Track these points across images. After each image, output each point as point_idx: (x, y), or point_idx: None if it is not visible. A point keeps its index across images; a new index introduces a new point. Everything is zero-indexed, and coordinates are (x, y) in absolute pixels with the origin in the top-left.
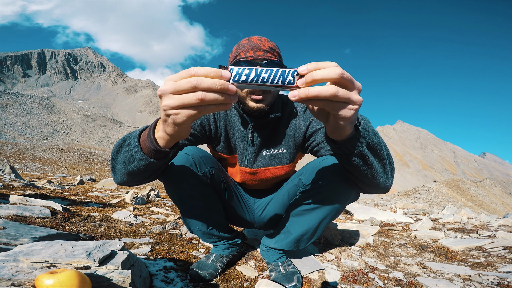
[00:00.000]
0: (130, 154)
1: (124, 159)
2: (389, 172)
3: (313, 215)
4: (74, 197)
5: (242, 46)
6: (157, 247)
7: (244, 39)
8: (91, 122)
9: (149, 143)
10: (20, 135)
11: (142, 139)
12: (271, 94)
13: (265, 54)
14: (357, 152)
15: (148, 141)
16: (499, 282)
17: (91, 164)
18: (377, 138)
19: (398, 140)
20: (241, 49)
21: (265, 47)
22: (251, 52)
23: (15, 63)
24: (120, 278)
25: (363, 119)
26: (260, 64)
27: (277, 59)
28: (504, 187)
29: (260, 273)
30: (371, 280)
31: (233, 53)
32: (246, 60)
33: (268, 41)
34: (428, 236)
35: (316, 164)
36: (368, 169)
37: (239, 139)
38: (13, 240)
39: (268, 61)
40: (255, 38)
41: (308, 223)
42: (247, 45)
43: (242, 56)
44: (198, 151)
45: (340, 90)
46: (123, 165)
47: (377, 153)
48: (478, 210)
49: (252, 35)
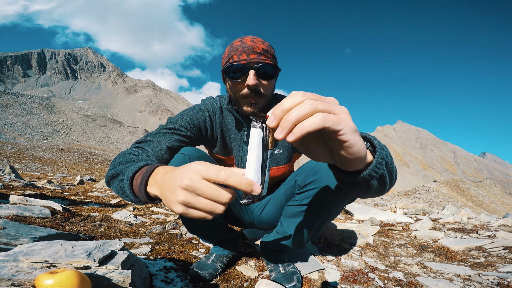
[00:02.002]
0: (123, 191)
1: (118, 190)
2: (393, 182)
3: (310, 216)
4: (74, 197)
5: (235, 48)
6: (157, 247)
7: (237, 39)
8: (91, 122)
9: (140, 195)
10: (20, 135)
11: (135, 184)
12: (264, 99)
13: (259, 57)
14: (378, 176)
15: (140, 193)
16: (499, 282)
17: (91, 164)
18: (387, 151)
19: (398, 140)
20: (234, 52)
21: (259, 49)
22: (244, 55)
23: (15, 63)
24: (120, 278)
25: (367, 134)
26: (254, 68)
27: (272, 61)
28: (504, 187)
29: (260, 273)
30: (371, 280)
31: (225, 55)
32: (240, 64)
33: (262, 42)
34: (428, 236)
35: (312, 165)
36: (381, 187)
37: (235, 141)
38: (13, 240)
39: (262, 64)
40: (248, 39)
41: (305, 224)
42: (240, 47)
43: (235, 59)
44: (195, 151)
45: (326, 115)
46: (118, 193)
47: (390, 168)
48: (478, 210)
49: (245, 35)
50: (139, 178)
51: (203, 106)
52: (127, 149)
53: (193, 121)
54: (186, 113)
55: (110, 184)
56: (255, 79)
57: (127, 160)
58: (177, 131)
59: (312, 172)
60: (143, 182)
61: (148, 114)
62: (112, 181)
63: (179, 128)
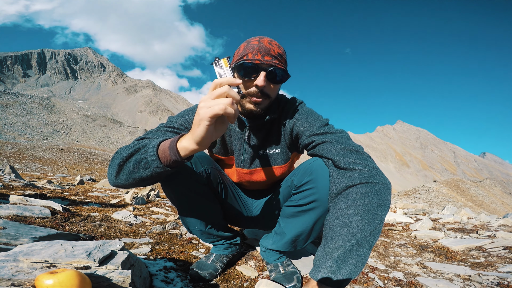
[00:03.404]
0: (146, 161)
1: (136, 165)
2: (385, 211)
3: (306, 216)
4: (74, 197)
5: (251, 46)
6: (157, 247)
7: (254, 38)
8: (91, 122)
9: (171, 153)
10: (20, 135)
11: (162, 149)
12: (269, 100)
13: (273, 61)
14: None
15: (170, 151)
16: (499, 282)
17: (91, 164)
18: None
19: (398, 140)
20: (250, 50)
21: (275, 52)
22: (259, 56)
23: (15, 63)
24: (120, 278)
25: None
26: (265, 69)
27: (283, 66)
28: (504, 187)
29: (260, 273)
30: (371, 280)
31: (240, 51)
32: (253, 63)
33: (278, 46)
34: (428, 236)
35: (307, 165)
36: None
37: (236, 140)
38: (13, 240)
39: (274, 68)
40: (266, 41)
41: (302, 225)
42: (257, 47)
43: (250, 57)
44: None
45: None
46: (133, 170)
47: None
48: (478, 210)
49: (263, 36)
50: (167, 143)
51: None
52: (127, 145)
53: (193, 120)
54: (187, 112)
55: (125, 162)
56: (265, 80)
57: (138, 144)
58: (177, 130)
59: (308, 172)
60: (174, 141)
61: (148, 114)
62: (127, 162)
63: (179, 127)
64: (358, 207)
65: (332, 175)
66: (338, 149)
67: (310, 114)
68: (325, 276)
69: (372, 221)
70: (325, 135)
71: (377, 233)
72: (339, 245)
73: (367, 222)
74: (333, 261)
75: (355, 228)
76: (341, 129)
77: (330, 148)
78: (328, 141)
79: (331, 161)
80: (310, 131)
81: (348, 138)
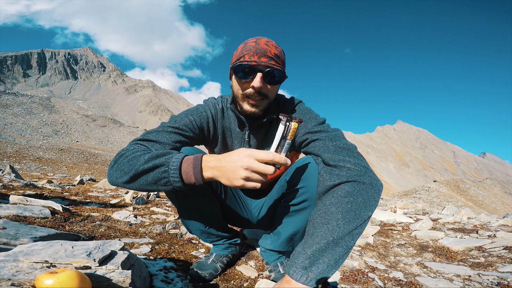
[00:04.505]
0: (167, 180)
1: (155, 181)
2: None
3: (300, 216)
4: (74, 197)
5: (248, 48)
6: (157, 247)
7: (252, 39)
8: (91, 122)
9: (196, 177)
10: (20, 135)
11: (185, 171)
12: (267, 101)
13: (269, 62)
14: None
15: (196, 176)
16: (499, 282)
17: (91, 164)
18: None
19: (398, 140)
20: (247, 52)
21: (271, 53)
22: (256, 57)
23: (15, 63)
24: (120, 278)
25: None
26: (261, 71)
27: (280, 67)
28: (504, 187)
29: (260, 273)
30: (371, 280)
31: (238, 52)
32: (250, 64)
33: (275, 46)
34: (428, 236)
35: (298, 165)
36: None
37: (236, 140)
38: (13, 240)
39: (271, 69)
40: (263, 42)
41: (297, 224)
42: (253, 48)
43: (247, 59)
44: (194, 151)
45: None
46: (150, 184)
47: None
48: (478, 210)
49: (261, 36)
50: (190, 166)
51: (206, 108)
52: (129, 146)
53: (196, 121)
54: (190, 113)
55: (137, 179)
56: (261, 82)
57: (153, 156)
58: (180, 131)
59: (299, 172)
60: (198, 167)
61: (148, 114)
62: (144, 175)
63: (182, 128)
64: (341, 205)
65: (320, 172)
66: (329, 146)
67: (307, 113)
68: (296, 271)
69: (353, 220)
70: (318, 133)
71: (357, 233)
72: (316, 241)
73: (348, 220)
74: (306, 257)
75: (334, 226)
76: (336, 128)
77: (321, 145)
78: (320, 138)
79: (321, 158)
80: (305, 129)
81: (341, 136)
